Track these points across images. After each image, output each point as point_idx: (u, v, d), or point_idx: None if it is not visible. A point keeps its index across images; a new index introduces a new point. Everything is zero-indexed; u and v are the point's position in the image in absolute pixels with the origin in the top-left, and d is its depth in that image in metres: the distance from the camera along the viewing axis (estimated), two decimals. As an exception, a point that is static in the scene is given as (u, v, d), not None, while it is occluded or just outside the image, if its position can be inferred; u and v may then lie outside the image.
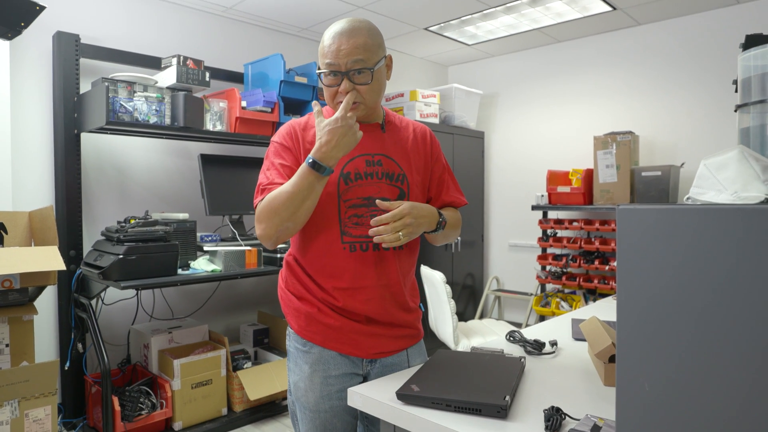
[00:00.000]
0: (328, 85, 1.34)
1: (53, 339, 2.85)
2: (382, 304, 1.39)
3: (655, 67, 3.85)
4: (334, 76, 1.31)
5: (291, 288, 1.44)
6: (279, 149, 1.38)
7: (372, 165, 1.39)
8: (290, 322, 1.43)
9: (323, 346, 1.37)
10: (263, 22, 3.68)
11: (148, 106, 2.68)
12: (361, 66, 1.30)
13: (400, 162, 1.42)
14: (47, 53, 2.81)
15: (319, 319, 1.37)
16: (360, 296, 1.36)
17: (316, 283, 1.39)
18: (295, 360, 1.42)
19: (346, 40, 1.29)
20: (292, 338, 1.44)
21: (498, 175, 4.79)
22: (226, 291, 3.52)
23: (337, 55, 1.29)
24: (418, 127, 1.51)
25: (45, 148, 2.83)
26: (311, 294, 1.39)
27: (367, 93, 1.33)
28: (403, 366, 1.45)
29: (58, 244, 2.34)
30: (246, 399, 2.94)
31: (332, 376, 1.37)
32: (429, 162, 1.50)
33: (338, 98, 1.33)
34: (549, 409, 1.04)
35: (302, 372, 1.39)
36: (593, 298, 3.92)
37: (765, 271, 0.63)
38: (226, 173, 3.17)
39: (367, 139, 1.40)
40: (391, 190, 1.39)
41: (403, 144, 1.46)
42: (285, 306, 1.45)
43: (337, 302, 1.36)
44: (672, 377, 0.69)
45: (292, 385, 1.44)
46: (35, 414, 2.18)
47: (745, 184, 0.71)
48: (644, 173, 3.53)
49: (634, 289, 0.72)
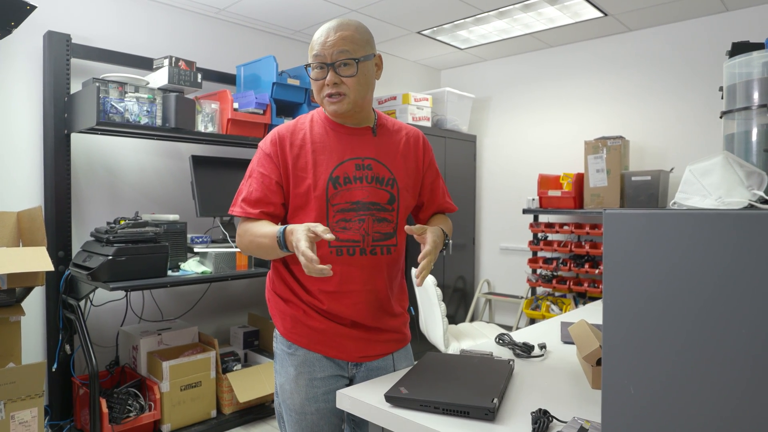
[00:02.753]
0: (315, 78, 1.35)
1: (40, 340, 2.82)
2: (367, 309, 1.39)
3: (645, 73, 3.88)
4: (320, 68, 1.33)
5: (278, 290, 1.44)
6: (262, 157, 1.39)
7: (362, 169, 1.38)
8: (276, 325, 1.44)
9: (308, 349, 1.38)
10: (256, 24, 3.68)
11: (140, 107, 2.66)
12: (346, 57, 1.31)
13: (391, 166, 1.42)
14: (38, 53, 2.79)
15: (305, 321, 1.38)
16: (346, 300, 1.37)
17: (302, 286, 1.39)
18: (282, 362, 1.43)
19: (333, 33, 1.31)
20: (278, 340, 1.45)
21: (489, 178, 4.80)
22: (216, 293, 3.51)
23: (324, 47, 1.31)
24: (411, 132, 1.51)
25: (34, 148, 2.80)
26: (297, 297, 1.40)
27: (352, 86, 1.33)
28: (389, 370, 1.45)
29: (47, 245, 2.33)
30: (235, 401, 2.93)
31: (318, 378, 1.37)
32: (421, 167, 1.50)
33: (325, 90, 1.34)
34: (536, 412, 1.04)
35: (288, 374, 1.40)
36: (583, 301, 3.94)
37: (749, 275, 0.64)
38: (217, 175, 3.16)
39: (357, 142, 1.40)
40: (381, 195, 1.39)
41: (395, 148, 1.45)
42: (272, 308, 1.46)
43: (322, 305, 1.37)
44: (657, 381, 0.70)
45: (279, 386, 1.45)
46: (21, 416, 2.16)
47: (730, 189, 0.72)
48: (634, 178, 3.56)
49: (621, 292, 0.73)
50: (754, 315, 0.63)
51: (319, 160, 1.36)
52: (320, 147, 1.38)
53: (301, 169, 1.36)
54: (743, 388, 0.64)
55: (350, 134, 1.41)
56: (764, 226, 0.62)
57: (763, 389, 0.62)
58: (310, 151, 1.37)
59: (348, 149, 1.39)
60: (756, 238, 0.63)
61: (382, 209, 1.39)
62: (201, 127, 2.91)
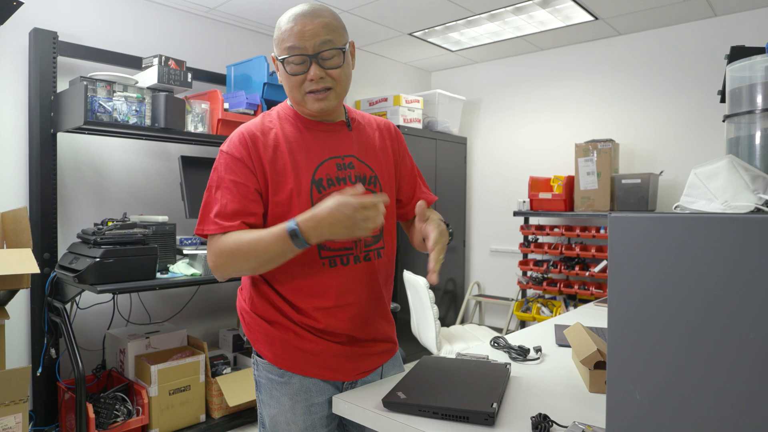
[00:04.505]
0: (293, 73, 1.18)
1: (25, 344, 2.76)
2: (364, 320, 1.28)
3: (635, 77, 3.92)
4: (300, 62, 1.17)
5: (259, 311, 1.27)
6: (230, 163, 1.20)
7: (343, 168, 1.25)
8: (261, 350, 1.27)
9: (304, 375, 1.24)
10: (246, 24, 3.64)
11: (128, 107, 2.62)
12: (330, 47, 1.17)
13: (371, 164, 1.31)
14: (23, 50, 2.74)
15: (297, 345, 1.23)
16: (343, 314, 1.24)
17: (292, 305, 1.24)
18: (270, 392, 1.27)
19: (310, 20, 1.16)
20: (262, 368, 1.28)
21: (480, 180, 4.81)
22: (205, 295, 3.46)
23: (302, 37, 1.15)
24: (381, 123, 1.40)
25: (20, 148, 2.75)
26: (285, 317, 1.24)
27: (339, 77, 1.20)
28: (377, 380, 1.35)
29: (32, 247, 2.28)
30: (225, 405, 2.89)
31: (315, 404, 1.25)
32: (396, 159, 1.39)
33: (307, 86, 1.19)
34: (536, 416, 1.03)
35: (281, 405, 1.24)
36: (573, 303, 3.95)
37: (755, 280, 0.63)
38: (206, 176, 3.07)
39: (334, 140, 1.27)
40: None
41: (372, 143, 1.33)
42: (252, 332, 1.28)
43: (317, 324, 1.23)
44: (663, 385, 0.69)
45: (268, 418, 1.27)
46: (5, 422, 2.11)
47: (736, 193, 0.72)
48: (624, 180, 3.58)
49: (626, 296, 0.72)
50: (763, 319, 0.62)
51: (298, 161, 1.21)
52: (296, 147, 1.22)
53: (280, 173, 1.20)
54: (751, 394, 0.63)
55: (325, 131, 1.27)
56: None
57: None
58: (286, 151, 1.21)
59: (326, 148, 1.25)
60: (764, 242, 0.62)
61: None
62: (191, 127, 2.88)
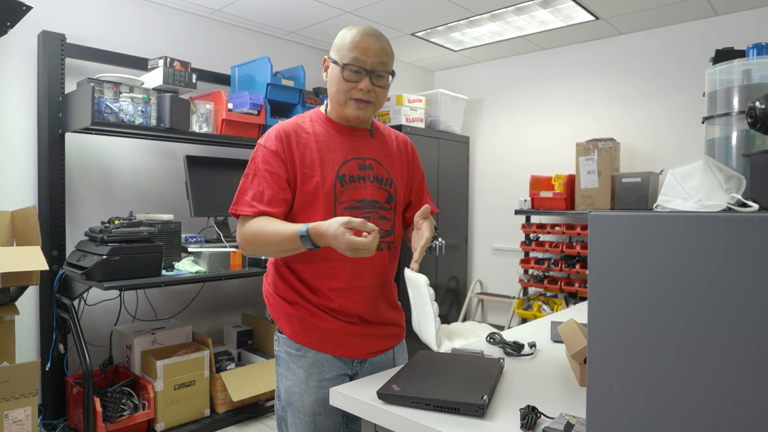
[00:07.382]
0: (349, 79, 1.36)
1: (34, 339, 2.82)
2: (374, 304, 1.44)
3: (636, 76, 3.93)
4: (357, 72, 1.35)
5: (281, 293, 1.44)
6: (267, 155, 1.37)
7: (364, 168, 1.44)
8: (282, 327, 1.43)
9: (318, 350, 1.39)
10: (250, 25, 3.69)
11: (134, 107, 2.67)
12: (383, 69, 1.37)
13: (388, 167, 1.49)
14: (32, 52, 2.79)
15: (314, 323, 1.39)
16: (354, 296, 1.40)
17: (309, 287, 1.40)
18: (287, 365, 1.42)
19: (375, 41, 1.36)
20: (282, 343, 1.44)
21: (482, 179, 4.84)
22: (210, 292, 3.51)
23: (367, 53, 1.34)
24: (399, 137, 1.59)
25: (29, 148, 2.80)
26: (303, 298, 1.41)
27: (381, 96, 1.40)
28: (390, 364, 1.50)
29: (41, 244, 2.33)
30: (229, 400, 2.94)
31: (327, 379, 1.40)
32: (411, 170, 1.58)
33: (354, 94, 1.36)
34: (525, 408, 1.07)
35: (296, 377, 1.40)
36: (574, 301, 3.98)
37: (726, 275, 0.66)
38: (211, 175, 3.17)
39: (358, 143, 1.46)
40: (381, 194, 1.45)
41: (389, 150, 1.53)
42: (275, 311, 1.45)
43: (332, 303, 1.39)
44: (639, 376, 0.73)
45: (284, 390, 1.43)
46: (15, 415, 2.16)
47: (709, 192, 0.75)
48: (624, 179, 3.60)
49: (605, 291, 0.76)
50: (732, 313, 0.66)
51: (325, 158, 1.39)
52: (324, 146, 1.41)
53: (308, 166, 1.37)
54: (726, 382, 0.66)
55: (351, 135, 1.46)
56: (740, 227, 0.65)
57: (742, 384, 0.65)
58: (316, 149, 1.39)
59: (350, 149, 1.43)
60: (733, 239, 0.66)
61: (382, 207, 1.46)
62: (195, 127, 2.93)
